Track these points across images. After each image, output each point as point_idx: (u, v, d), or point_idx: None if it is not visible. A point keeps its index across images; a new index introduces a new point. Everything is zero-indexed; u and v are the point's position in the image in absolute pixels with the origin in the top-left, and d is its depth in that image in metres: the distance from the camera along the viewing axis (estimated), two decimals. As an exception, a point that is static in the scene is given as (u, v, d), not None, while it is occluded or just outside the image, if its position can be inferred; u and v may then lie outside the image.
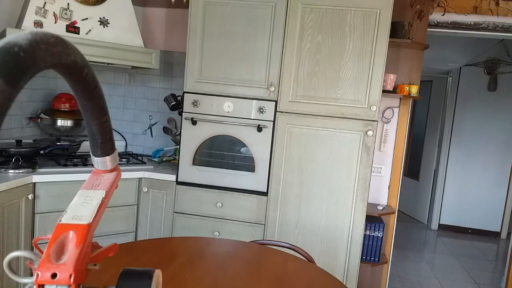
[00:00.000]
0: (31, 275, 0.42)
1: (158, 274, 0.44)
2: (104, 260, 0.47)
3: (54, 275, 0.37)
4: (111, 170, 0.53)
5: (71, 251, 0.39)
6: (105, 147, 0.50)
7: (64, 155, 2.58)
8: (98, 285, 0.44)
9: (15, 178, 2.06)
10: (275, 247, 1.87)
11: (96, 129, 0.48)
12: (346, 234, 2.41)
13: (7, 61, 0.26)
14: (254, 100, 2.43)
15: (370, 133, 2.33)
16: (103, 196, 0.47)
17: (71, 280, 0.37)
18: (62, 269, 0.37)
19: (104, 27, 2.55)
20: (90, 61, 2.41)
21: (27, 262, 0.41)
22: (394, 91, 2.77)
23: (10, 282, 2.04)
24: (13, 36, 0.28)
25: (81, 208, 0.44)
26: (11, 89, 0.26)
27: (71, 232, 0.40)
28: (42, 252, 0.40)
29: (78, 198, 0.47)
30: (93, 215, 0.43)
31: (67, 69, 0.36)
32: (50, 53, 0.31)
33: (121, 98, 3.12)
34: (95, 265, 0.43)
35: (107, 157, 0.51)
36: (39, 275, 0.37)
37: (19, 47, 0.27)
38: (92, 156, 0.52)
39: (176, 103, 2.73)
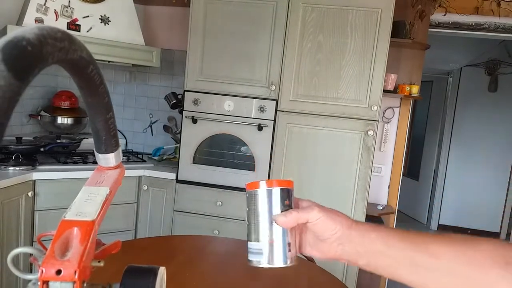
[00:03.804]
0: (31, 271, 0.42)
1: (162, 272, 0.44)
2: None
3: (58, 272, 0.37)
4: (115, 167, 0.53)
5: (76, 248, 0.39)
6: (109, 143, 0.50)
7: (64, 152, 2.57)
8: (102, 282, 0.44)
9: (15, 175, 2.06)
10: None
11: (101, 126, 0.47)
12: (346, 233, 2.40)
13: (16, 55, 0.26)
14: (254, 99, 2.43)
15: (370, 133, 2.33)
16: (107, 193, 0.47)
17: (76, 276, 0.37)
18: (66, 266, 0.37)
19: (105, 25, 2.55)
20: (91, 59, 2.40)
21: (31, 258, 0.41)
22: (395, 91, 2.77)
23: (9, 279, 2.04)
24: (20, 30, 0.28)
25: (85, 204, 0.44)
26: (20, 83, 0.26)
27: (75, 228, 0.40)
28: (45, 249, 0.40)
29: (82, 194, 0.46)
30: (98, 212, 0.43)
31: (74, 64, 0.36)
32: (57, 48, 0.30)
33: (122, 96, 3.11)
34: (99, 261, 0.43)
35: (111, 154, 0.51)
36: (44, 271, 0.37)
37: (27, 41, 0.27)
38: (95, 152, 0.52)
39: (176, 102, 2.73)
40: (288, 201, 0.60)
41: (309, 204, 0.62)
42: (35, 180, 2.17)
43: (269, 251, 0.59)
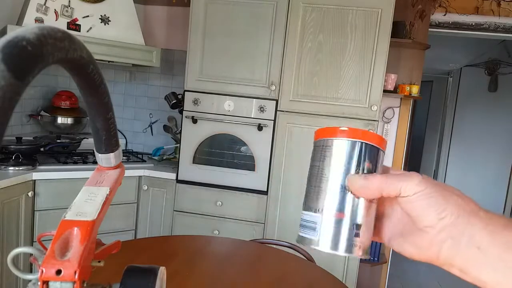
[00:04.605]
0: (31, 271, 0.42)
1: (162, 271, 0.44)
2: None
3: (58, 272, 0.37)
4: (115, 167, 0.53)
5: (76, 248, 0.39)
6: (110, 143, 0.50)
7: (64, 152, 2.57)
8: (102, 282, 0.44)
9: (15, 175, 2.06)
10: (275, 246, 1.87)
11: (101, 125, 0.47)
12: (346, 233, 2.40)
13: (16, 55, 0.26)
14: (254, 99, 2.43)
15: (370, 132, 2.33)
16: (107, 193, 0.47)
17: (76, 276, 0.37)
18: (66, 266, 0.37)
19: (105, 24, 2.55)
20: (91, 59, 2.41)
21: (31, 258, 0.41)
22: (395, 91, 2.77)
23: (9, 280, 2.04)
24: (20, 30, 0.28)
25: (86, 204, 0.44)
26: (20, 83, 0.26)
27: (75, 228, 0.40)
28: (45, 249, 0.40)
29: (82, 194, 0.46)
30: (98, 212, 0.43)
31: (74, 64, 0.36)
32: (57, 47, 0.30)
33: (122, 96, 3.11)
34: (99, 262, 0.42)
35: (111, 153, 0.51)
36: (44, 271, 0.37)
37: (27, 41, 0.27)
38: (96, 152, 0.52)
39: (176, 102, 2.73)
40: (371, 164, 0.41)
41: (406, 172, 0.40)
42: (35, 180, 2.17)
43: (325, 227, 0.41)
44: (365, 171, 0.41)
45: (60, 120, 2.77)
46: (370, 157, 0.41)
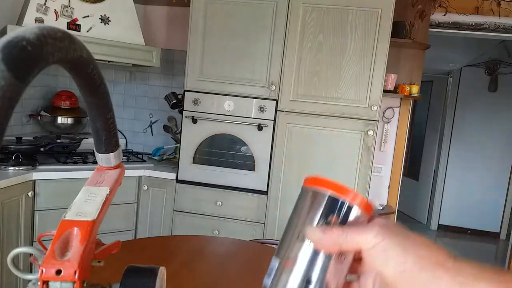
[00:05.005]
0: (31, 271, 0.42)
1: (162, 271, 0.44)
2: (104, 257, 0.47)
3: (58, 272, 0.37)
4: (115, 167, 0.53)
5: (76, 248, 0.39)
6: (109, 143, 0.50)
7: (64, 152, 2.57)
8: (102, 282, 0.44)
9: (15, 175, 2.06)
10: (275, 246, 1.87)
11: (101, 126, 0.47)
12: (346, 233, 2.40)
13: (16, 55, 0.26)
14: (254, 99, 2.43)
15: (370, 133, 2.33)
16: (107, 192, 0.47)
17: (76, 276, 0.37)
18: (66, 266, 0.37)
19: (105, 24, 2.55)
20: (91, 59, 2.40)
21: (31, 258, 0.41)
22: (395, 91, 2.77)
23: (9, 280, 2.04)
24: (20, 30, 0.28)
25: (86, 204, 0.44)
26: (20, 83, 0.26)
27: (75, 228, 0.40)
28: (45, 249, 0.40)
29: (82, 194, 0.46)
30: (98, 212, 0.43)
31: (74, 64, 0.36)
32: (57, 47, 0.30)
33: (122, 96, 3.11)
34: (99, 262, 0.43)
35: (111, 153, 0.51)
36: (44, 271, 0.37)
37: (27, 41, 0.27)
38: (96, 152, 0.52)
39: (176, 102, 2.73)
40: (337, 219, 0.38)
41: (373, 223, 0.37)
42: (35, 180, 2.17)
43: (276, 274, 0.39)
44: (327, 224, 0.38)
45: (60, 120, 2.77)
46: (339, 212, 0.38)
